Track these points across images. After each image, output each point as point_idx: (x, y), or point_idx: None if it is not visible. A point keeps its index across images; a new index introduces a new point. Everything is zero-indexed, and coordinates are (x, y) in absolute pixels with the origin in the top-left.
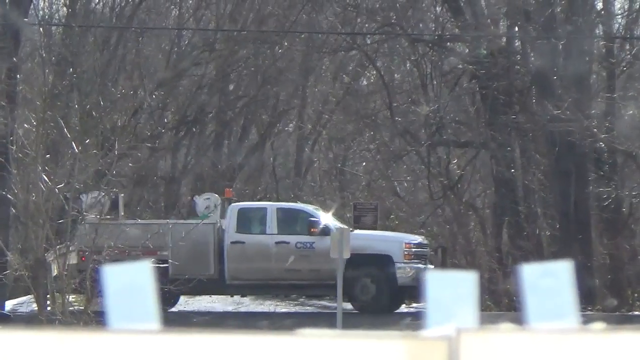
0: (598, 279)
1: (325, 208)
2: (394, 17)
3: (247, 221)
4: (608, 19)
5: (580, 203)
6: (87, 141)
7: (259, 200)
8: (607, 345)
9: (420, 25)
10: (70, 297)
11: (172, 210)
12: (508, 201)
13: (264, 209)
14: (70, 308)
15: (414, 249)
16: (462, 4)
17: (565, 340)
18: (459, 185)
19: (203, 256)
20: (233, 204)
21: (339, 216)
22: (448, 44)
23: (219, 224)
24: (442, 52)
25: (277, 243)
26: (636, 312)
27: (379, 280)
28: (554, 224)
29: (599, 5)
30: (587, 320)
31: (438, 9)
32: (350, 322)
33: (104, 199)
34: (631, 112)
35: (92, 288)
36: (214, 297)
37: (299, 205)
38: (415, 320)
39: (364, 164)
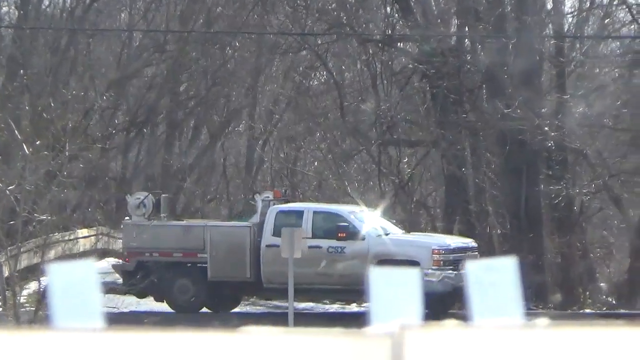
0: (549, 278)
1: (373, 207)
2: (344, 17)
3: (285, 224)
4: (558, 18)
5: (531, 201)
6: (38, 142)
7: (211, 200)
8: (551, 340)
9: (370, 25)
10: (22, 298)
11: (123, 212)
12: (459, 200)
13: (301, 212)
14: (22, 309)
15: (448, 255)
16: (412, 4)
17: (509, 336)
18: (410, 185)
19: (240, 259)
20: (273, 206)
21: (391, 216)
22: (398, 43)
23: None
24: (392, 52)
25: (310, 247)
26: (587, 310)
27: None
28: (505, 222)
29: (549, 5)
30: (536, 317)
31: (388, 8)
32: (303, 322)
33: (147, 200)
34: (581, 110)
35: (44, 289)
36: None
37: (336, 209)
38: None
39: (315, 163)
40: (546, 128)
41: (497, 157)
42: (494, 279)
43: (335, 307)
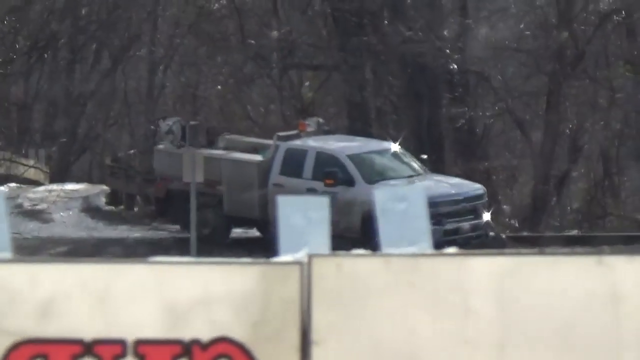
0: None
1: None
2: None
3: (291, 163)
4: None
5: (433, 125)
6: None
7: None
8: (457, 268)
9: None
10: None
11: (25, 137)
12: (361, 124)
13: (305, 152)
14: None
15: (438, 208)
16: None
17: (416, 263)
18: (312, 109)
19: (249, 196)
20: (284, 143)
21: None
22: None
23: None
24: None
25: (307, 190)
26: (491, 234)
27: None
28: (408, 146)
29: None
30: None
31: None
32: (203, 250)
33: (175, 127)
34: (483, 33)
35: None
36: (67, 221)
37: (335, 150)
38: None
39: (218, 87)
40: (448, 51)
41: (399, 81)
42: (402, 208)
43: (238, 232)
